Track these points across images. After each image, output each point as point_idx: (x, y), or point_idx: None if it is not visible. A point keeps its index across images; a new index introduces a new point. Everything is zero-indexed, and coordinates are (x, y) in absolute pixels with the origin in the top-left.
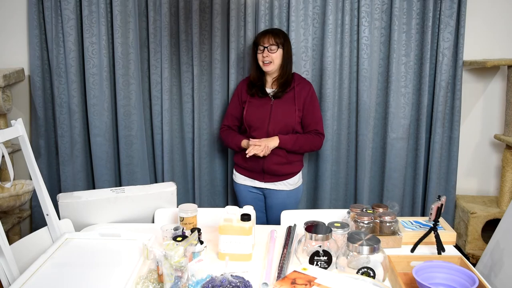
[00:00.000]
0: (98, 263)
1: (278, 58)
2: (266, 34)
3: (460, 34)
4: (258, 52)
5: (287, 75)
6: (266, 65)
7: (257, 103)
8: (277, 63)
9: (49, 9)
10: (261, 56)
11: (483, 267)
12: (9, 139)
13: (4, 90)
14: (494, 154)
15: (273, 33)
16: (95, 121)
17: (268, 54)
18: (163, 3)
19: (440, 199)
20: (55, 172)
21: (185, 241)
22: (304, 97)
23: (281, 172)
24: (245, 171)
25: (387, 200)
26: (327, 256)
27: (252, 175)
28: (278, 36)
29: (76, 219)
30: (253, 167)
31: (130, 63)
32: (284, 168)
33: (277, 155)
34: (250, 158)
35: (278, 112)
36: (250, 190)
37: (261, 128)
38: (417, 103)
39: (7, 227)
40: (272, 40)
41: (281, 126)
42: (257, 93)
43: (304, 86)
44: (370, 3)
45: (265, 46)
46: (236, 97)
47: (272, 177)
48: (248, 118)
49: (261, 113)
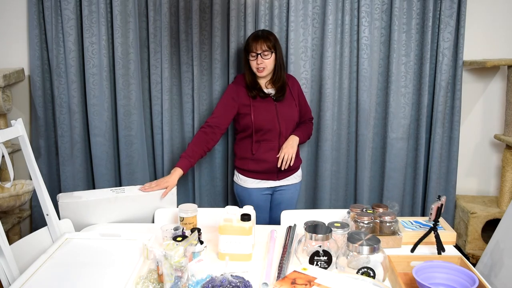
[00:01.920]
0: (98, 263)
1: (272, 63)
2: (258, 40)
3: (460, 34)
4: (251, 59)
5: (283, 79)
6: (260, 72)
7: (261, 105)
8: (270, 68)
9: (49, 9)
10: (255, 63)
11: (483, 267)
12: (9, 139)
13: (4, 90)
14: (494, 154)
15: (264, 37)
16: (95, 121)
17: (262, 60)
18: (163, 3)
19: (440, 199)
20: (55, 172)
21: (185, 241)
22: (297, 91)
23: (294, 166)
24: (258, 174)
25: (387, 200)
26: (327, 256)
27: (266, 177)
28: (269, 40)
29: (76, 219)
30: (267, 168)
31: (130, 63)
32: (295, 161)
33: None
34: (263, 161)
35: (284, 111)
36: (262, 192)
37: (272, 130)
38: (417, 103)
39: (7, 227)
40: (265, 45)
41: (290, 124)
42: (258, 95)
43: (293, 81)
44: (370, 3)
45: (258, 52)
46: (230, 99)
47: (285, 173)
48: (258, 122)
49: (269, 115)
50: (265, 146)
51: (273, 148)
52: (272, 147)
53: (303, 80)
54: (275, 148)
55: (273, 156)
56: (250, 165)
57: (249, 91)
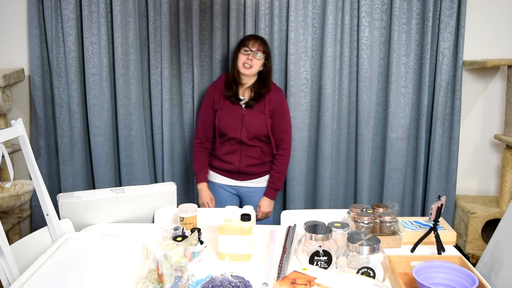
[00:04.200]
0: (98, 263)
1: (258, 65)
2: (257, 40)
3: (460, 34)
4: (242, 53)
5: (268, 87)
6: (246, 68)
7: (229, 110)
8: (255, 70)
9: (49, 9)
10: (245, 58)
11: (483, 267)
12: (9, 139)
13: (4, 90)
14: (494, 154)
15: (262, 40)
16: (95, 121)
17: (252, 58)
18: (163, 3)
19: (440, 199)
20: (55, 172)
21: (185, 241)
22: (274, 104)
23: (256, 172)
24: (222, 172)
25: (387, 200)
26: (327, 256)
27: (229, 175)
28: (265, 45)
29: (76, 219)
30: (228, 168)
31: (130, 63)
32: (258, 168)
33: (251, 157)
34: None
35: (250, 121)
36: (225, 188)
37: (234, 137)
38: (417, 103)
39: (7, 227)
40: (261, 46)
41: (253, 135)
42: (231, 98)
43: (274, 93)
44: (370, 3)
45: (252, 50)
46: (208, 103)
47: (249, 176)
48: (221, 126)
49: (233, 121)
50: (227, 149)
51: (234, 151)
52: (233, 150)
53: (303, 80)
54: (237, 152)
55: (233, 158)
56: (215, 162)
57: (225, 89)
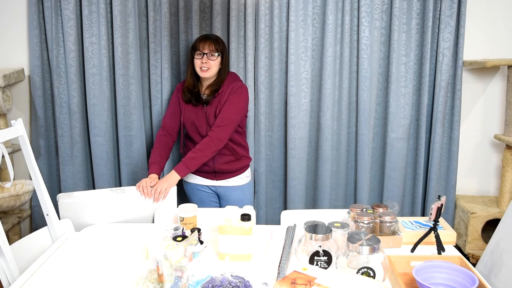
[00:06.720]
0: (98, 263)
1: (216, 65)
2: (207, 40)
3: (460, 34)
4: (196, 58)
5: (221, 83)
6: (203, 71)
7: (192, 110)
8: (214, 70)
9: (49, 9)
10: (200, 62)
11: (483, 267)
12: (9, 139)
13: (4, 90)
14: (494, 154)
15: (213, 39)
16: (95, 121)
17: (207, 60)
18: (163, 3)
19: (440, 199)
20: (55, 172)
21: (185, 241)
22: (227, 94)
23: (232, 169)
24: (197, 172)
25: (387, 200)
26: (327, 256)
27: (204, 175)
28: (218, 43)
29: (76, 219)
30: (204, 169)
31: (130, 63)
32: (234, 165)
33: (224, 155)
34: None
35: (212, 117)
36: (202, 189)
37: (201, 136)
38: (417, 103)
39: (7, 227)
40: (212, 46)
41: None
42: (191, 101)
43: (229, 83)
44: (370, 3)
45: (205, 52)
46: (176, 97)
47: (224, 175)
48: (187, 127)
49: (198, 121)
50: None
51: None
52: None
53: (303, 80)
54: None
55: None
56: None
57: (183, 94)
